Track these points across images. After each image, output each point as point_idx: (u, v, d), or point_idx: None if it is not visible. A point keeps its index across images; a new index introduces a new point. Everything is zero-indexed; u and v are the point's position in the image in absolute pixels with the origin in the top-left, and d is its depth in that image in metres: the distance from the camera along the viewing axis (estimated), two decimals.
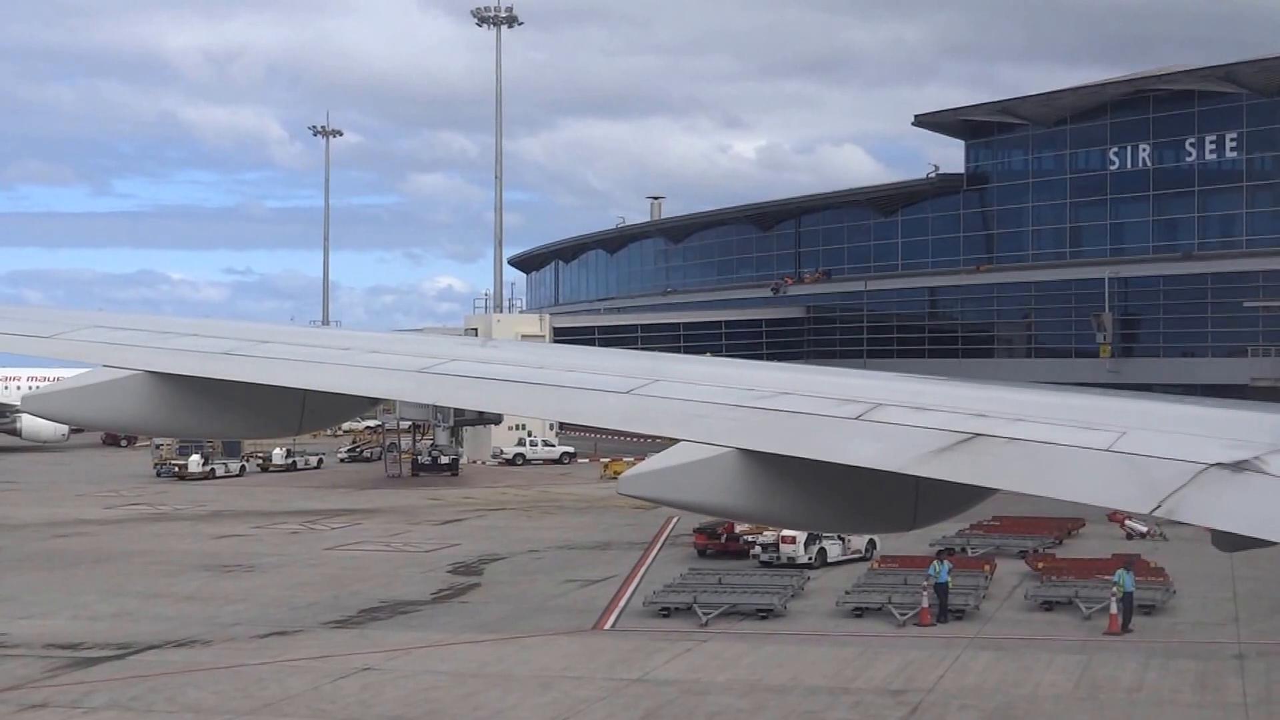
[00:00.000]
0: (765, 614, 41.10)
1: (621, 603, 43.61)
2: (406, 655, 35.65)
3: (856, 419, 7.59)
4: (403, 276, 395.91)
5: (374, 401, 9.79)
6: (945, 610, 40.80)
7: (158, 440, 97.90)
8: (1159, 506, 6.09)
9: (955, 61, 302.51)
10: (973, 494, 7.48)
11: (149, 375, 8.89)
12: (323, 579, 48.23)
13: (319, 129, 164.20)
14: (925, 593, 40.93)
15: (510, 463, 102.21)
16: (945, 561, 42.25)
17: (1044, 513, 57.18)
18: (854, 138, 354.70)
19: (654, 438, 7.68)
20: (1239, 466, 6.30)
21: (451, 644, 37.19)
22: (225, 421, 9.47)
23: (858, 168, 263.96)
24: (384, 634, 38.74)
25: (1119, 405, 8.21)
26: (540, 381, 8.78)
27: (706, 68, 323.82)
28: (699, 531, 55.10)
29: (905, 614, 40.48)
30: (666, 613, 41.21)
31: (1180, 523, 6.18)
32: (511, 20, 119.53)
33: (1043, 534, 57.06)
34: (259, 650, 36.36)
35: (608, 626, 40.13)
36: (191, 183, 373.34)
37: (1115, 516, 60.46)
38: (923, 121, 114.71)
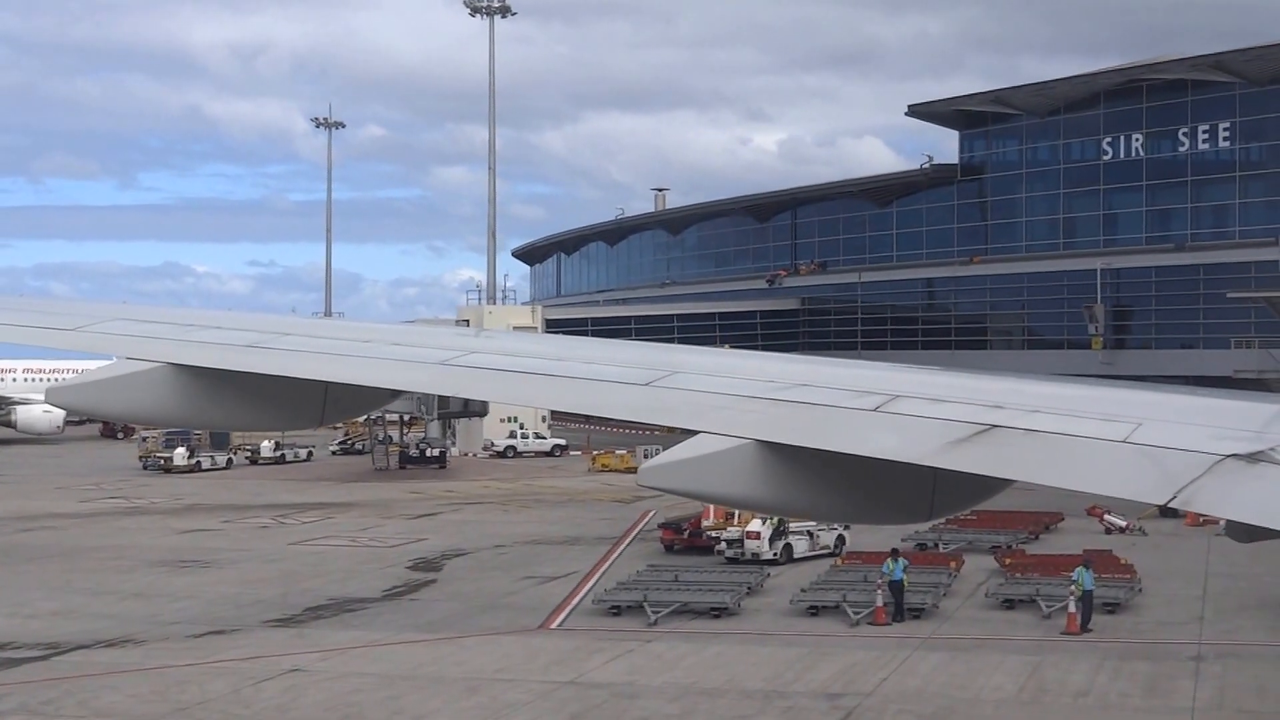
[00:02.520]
0: (718, 612, 40.23)
1: (574, 601, 42.74)
2: (340, 656, 34.81)
3: (875, 411, 7.67)
4: (426, 269, 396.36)
5: (396, 394, 9.88)
6: (901, 609, 39.91)
7: (144, 433, 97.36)
8: (1174, 497, 6.20)
9: (978, 55, 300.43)
10: (990, 485, 7.63)
11: (173, 367, 8.93)
12: (277, 575, 47.47)
13: (321, 121, 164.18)
14: (880, 591, 40.05)
15: (501, 455, 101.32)
16: (900, 559, 41.27)
17: (1031, 506, 56.24)
18: (876, 130, 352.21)
19: (655, 430, 7.18)
20: (1254, 458, 6.41)
21: (389, 644, 36.37)
22: (248, 414, 9.56)
23: (878, 160, 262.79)
24: (323, 633, 37.90)
25: (1134, 397, 8.35)
26: (559, 374, 8.87)
27: (730, 61, 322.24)
28: (664, 526, 54.30)
29: (859, 613, 39.60)
30: (617, 611, 40.32)
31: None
32: (505, 10, 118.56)
33: (1018, 529, 56.10)
34: (190, 650, 35.56)
35: (554, 626, 39.24)
36: (216, 176, 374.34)
37: (1094, 511, 59.51)
38: (917, 111, 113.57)
